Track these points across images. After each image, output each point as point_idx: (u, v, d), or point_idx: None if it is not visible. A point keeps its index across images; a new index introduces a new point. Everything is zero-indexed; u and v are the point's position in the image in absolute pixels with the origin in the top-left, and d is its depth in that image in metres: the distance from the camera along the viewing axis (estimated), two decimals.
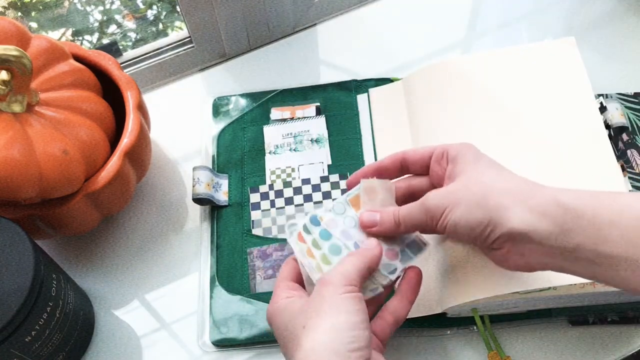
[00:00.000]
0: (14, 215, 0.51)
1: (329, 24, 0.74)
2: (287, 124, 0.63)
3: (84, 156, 0.51)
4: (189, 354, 0.55)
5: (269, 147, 0.61)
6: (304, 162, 0.62)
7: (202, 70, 0.71)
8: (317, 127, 0.63)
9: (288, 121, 0.63)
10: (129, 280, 0.59)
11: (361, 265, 0.44)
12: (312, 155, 0.62)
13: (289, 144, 0.61)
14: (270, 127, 0.63)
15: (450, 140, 0.48)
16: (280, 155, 0.60)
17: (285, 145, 0.61)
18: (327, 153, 0.62)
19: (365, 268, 0.44)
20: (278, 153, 0.60)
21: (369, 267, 0.44)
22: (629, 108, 0.63)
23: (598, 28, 0.71)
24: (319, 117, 0.63)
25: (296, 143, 0.61)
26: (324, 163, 0.61)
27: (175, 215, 0.62)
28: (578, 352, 0.53)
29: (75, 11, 1.03)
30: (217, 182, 0.61)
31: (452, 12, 0.74)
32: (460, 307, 0.51)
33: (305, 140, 0.61)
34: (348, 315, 0.40)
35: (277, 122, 0.63)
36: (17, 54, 0.46)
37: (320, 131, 0.62)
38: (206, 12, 0.65)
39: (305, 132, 0.62)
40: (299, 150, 0.61)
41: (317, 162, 0.62)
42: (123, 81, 0.57)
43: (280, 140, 0.62)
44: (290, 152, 0.60)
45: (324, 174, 0.61)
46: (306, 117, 0.63)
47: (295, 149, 0.61)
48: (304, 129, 0.62)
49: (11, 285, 0.44)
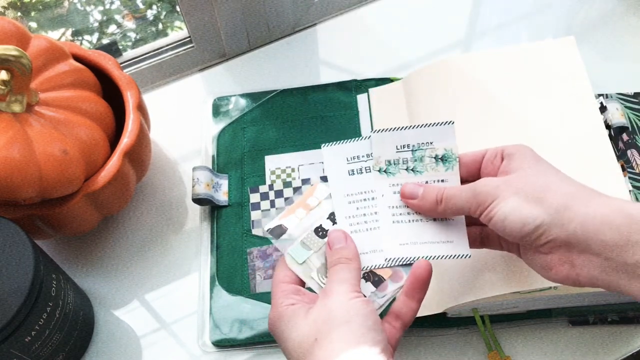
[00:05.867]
0: (14, 215, 0.50)
1: (329, 24, 0.74)
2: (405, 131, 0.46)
3: (84, 156, 0.51)
4: (189, 354, 0.55)
5: (379, 163, 0.46)
6: (304, 162, 0.62)
7: (202, 70, 0.71)
8: (444, 138, 0.46)
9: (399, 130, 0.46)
10: (129, 280, 0.59)
11: (354, 272, 0.43)
12: (312, 157, 0.61)
13: (405, 160, 0.46)
14: (380, 134, 0.46)
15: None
16: (394, 174, 0.45)
17: (401, 162, 0.46)
18: None
19: (358, 270, 0.43)
20: (391, 172, 0.45)
21: (358, 268, 0.43)
22: (629, 108, 0.63)
23: (598, 28, 0.71)
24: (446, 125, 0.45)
25: (415, 160, 0.46)
26: (324, 163, 0.61)
27: (175, 215, 0.62)
28: (578, 352, 0.53)
29: (75, 11, 1.03)
30: (217, 182, 0.61)
31: (452, 12, 0.74)
32: (460, 307, 0.51)
33: (427, 157, 0.46)
34: (363, 318, 0.39)
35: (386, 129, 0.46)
36: (16, 53, 0.46)
37: (449, 144, 0.45)
38: (206, 12, 0.65)
39: (427, 146, 0.46)
40: (419, 171, 0.45)
41: (317, 162, 0.62)
42: (123, 81, 0.57)
43: (393, 155, 0.46)
44: (407, 172, 0.45)
45: (323, 174, 0.61)
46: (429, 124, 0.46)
47: (413, 168, 0.46)
48: (426, 139, 0.46)
49: (11, 285, 0.44)
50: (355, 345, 0.38)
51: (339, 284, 0.41)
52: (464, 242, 0.44)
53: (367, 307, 0.40)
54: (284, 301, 0.42)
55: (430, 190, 0.44)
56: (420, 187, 0.45)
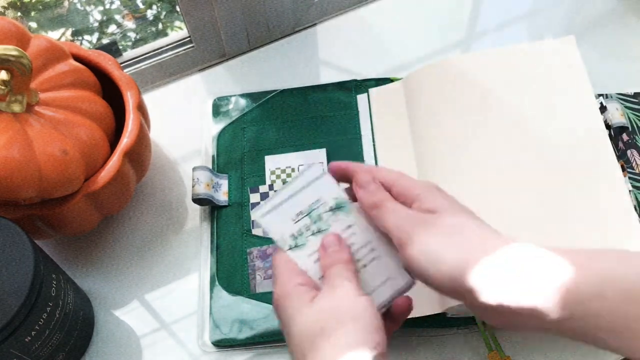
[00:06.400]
0: (14, 215, 0.50)
1: (329, 24, 0.74)
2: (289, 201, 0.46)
3: (84, 156, 0.51)
4: (189, 354, 0.55)
5: (286, 243, 0.45)
6: (304, 162, 0.62)
7: (202, 70, 0.71)
8: (325, 190, 0.46)
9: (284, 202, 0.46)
10: (129, 280, 0.59)
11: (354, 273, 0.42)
12: (312, 157, 0.62)
13: (307, 227, 0.45)
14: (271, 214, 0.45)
15: (451, 138, 0.48)
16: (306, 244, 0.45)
17: (304, 230, 0.45)
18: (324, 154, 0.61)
19: (356, 273, 0.43)
20: (302, 244, 0.45)
21: (356, 271, 0.43)
22: (629, 108, 0.63)
23: (598, 28, 0.71)
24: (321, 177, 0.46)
25: (315, 222, 0.45)
26: (324, 163, 0.61)
27: (175, 215, 0.62)
28: (578, 352, 0.53)
29: (75, 11, 1.03)
30: (217, 182, 0.61)
31: (452, 12, 0.74)
32: (460, 307, 0.51)
33: (324, 214, 0.45)
34: (370, 318, 0.39)
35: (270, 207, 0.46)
36: (16, 54, 0.46)
37: (333, 193, 0.46)
38: (206, 12, 0.65)
39: (317, 204, 0.46)
40: (325, 229, 0.45)
41: (317, 162, 0.62)
42: (123, 81, 0.57)
43: (293, 228, 0.45)
44: (315, 236, 0.45)
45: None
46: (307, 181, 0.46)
47: (319, 229, 0.45)
48: (312, 199, 0.46)
49: (11, 285, 0.44)
50: (363, 345, 0.38)
51: (343, 280, 0.41)
52: (400, 271, 0.44)
53: (374, 307, 0.40)
54: (293, 279, 0.42)
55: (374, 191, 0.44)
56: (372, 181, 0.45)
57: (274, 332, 0.54)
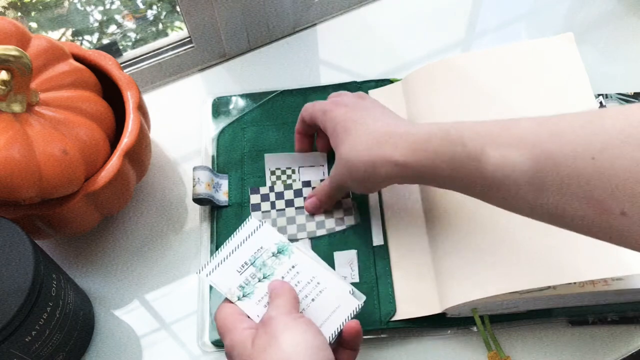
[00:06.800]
0: (14, 215, 0.51)
1: (329, 24, 0.74)
2: (233, 255, 0.49)
3: (84, 156, 0.51)
4: (189, 354, 0.55)
5: (234, 295, 0.47)
6: (304, 164, 0.62)
7: (202, 70, 0.71)
8: (266, 237, 0.50)
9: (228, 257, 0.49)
10: (129, 280, 0.59)
11: (289, 297, 0.44)
12: (312, 159, 0.62)
13: (253, 275, 0.48)
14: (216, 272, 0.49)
15: None
16: (254, 292, 0.47)
17: (251, 279, 0.48)
18: None
19: (294, 298, 0.45)
20: (250, 293, 0.47)
21: (295, 297, 0.45)
22: None
23: (598, 28, 0.71)
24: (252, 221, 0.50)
25: (260, 269, 0.48)
26: (324, 166, 0.61)
27: (175, 215, 0.62)
28: (578, 352, 0.53)
29: (75, 11, 1.03)
30: (217, 182, 0.61)
31: (452, 12, 0.74)
32: (460, 307, 0.51)
33: (267, 260, 0.49)
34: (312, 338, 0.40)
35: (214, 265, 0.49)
36: (17, 54, 0.46)
37: (275, 239, 0.50)
38: (206, 12, 0.65)
39: (260, 252, 0.49)
40: (271, 274, 0.48)
41: (317, 164, 0.62)
42: (123, 81, 0.57)
43: (239, 279, 0.48)
44: (261, 282, 0.48)
45: (324, 176, 0.61)
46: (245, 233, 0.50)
47: (264, 275, 0.48)
48: (255, 248, 0.49)
49: (11, 285, 0.44)
50: None
51: (275, 309, 0.43)
52: (348, 297, 0.47)
53: (311, 326, 0.42)
54: (240, 325, 0.43)
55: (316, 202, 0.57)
56: (316, 201, 0.57)
57: None
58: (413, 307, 0.53)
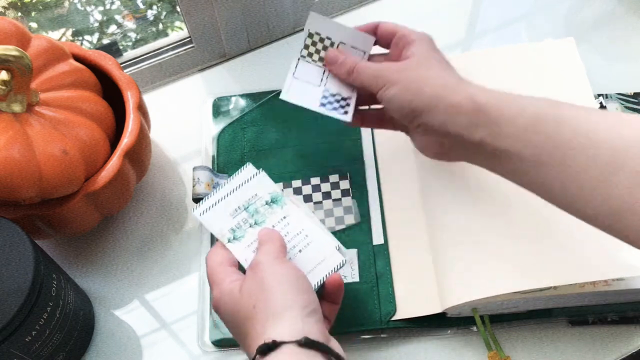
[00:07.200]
0: (14, 215, 0.51)
1: None
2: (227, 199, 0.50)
3: (84, 156, 0.51)
4: (189, 354, 0.55)
5: (225, 237, 0.48)
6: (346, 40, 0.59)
7: (202, 70, 0.71)
8: (261, 186, 0.50)
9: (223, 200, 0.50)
10: (129, 280, 0.59)
11: (278, 244, 0.45)
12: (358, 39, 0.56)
13: (245, 220, 0.49)
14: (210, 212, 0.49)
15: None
16: (244, 236, 0.48)
17: (243, 223, 0.49)
18: None
19: (281, 245, 0.46)
20: (241, 236, 0.48)
21: (282, 244, 0.46)
22: (628, 108, 0.63)
23: (598, 28, 0.71)
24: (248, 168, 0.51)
25: (252, 215, 0.49)
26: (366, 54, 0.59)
27: (175, 215, 0.62)
28: (578, 352, 0.53)
29: (75, 11, 1.03)
30: (217, 182, 0.61)
31: (452, 12, 0.74)
32: (460, 307, 0.51)
33: (260, 208, 0.50)
34: (296, 282, 0.42)
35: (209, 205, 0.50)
36: (17, 54, 0.46)
37: (269, 189, 0.50)
38: (206, 12, 0.65)
39: (255, 198, 0.50)
40: (262, 221, 0.49)
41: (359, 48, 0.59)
42: (123, 81, 0.57)
43: (232, 222, 0.49)
44: (252, 228, 0.49)
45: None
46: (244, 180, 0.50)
47: (256, 222, 0.49)
48: (250, 194, 0.50)
49: (11, 285, 0.44)
50: (291, 305, 0.40)
51: (264, 254, 0.44)
52: (334, 252, 0.48)
53: (297, 271, 0.43)
54: (227, 278, 0.44)
55: (347, 61, 0.51)
56: (341, 55, 0.52)
57: None
58: (413, 307, 0.53)
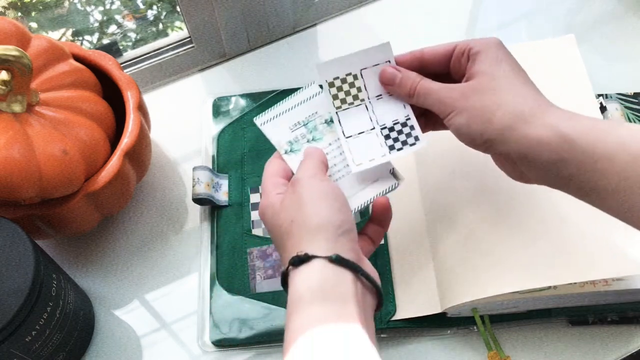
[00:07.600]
0: (14, 215, 0.51)
1: (329, 24, 0.74)
2: (288, 113, 0.50)
3: (84, 156, 0.51)
4: (189, 354, 0.55)
5: (282, 148, 0.49)
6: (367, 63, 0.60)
7: (202, 70, 0.71)
8: (323, 104, 0.50)
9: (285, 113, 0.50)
10: (129, 280, 0.59)
11: (317, 161, 0.45)
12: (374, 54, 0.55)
13: (302, 135, 0.49)
14: (271, 123, 0.50)
15: (449, 138, 0.48)
16: (300, 150, 0.49)
17: (300, 138, 0.49)
18: None
19: (321, 162, 0.46)
20: (297, 149, 0.49)
21: (323, 161, 0.46)
22: (628, 108, 0.63)
23: (598, 28, 0.71)
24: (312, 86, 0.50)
25: (311, 132, 0.49)
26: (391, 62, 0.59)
27: (175, 215, 0.62)
28: (578, 352, 0.53)
29: (75, 11, 1.03)
30: (217, 182, 0.61)
31: (452, 12, 0.74)
32: (460, 307, 0.51)
33: (319, 125, 0.50)
34: (333, 200, 0.42)
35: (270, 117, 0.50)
36: (17, 54, 0.46)
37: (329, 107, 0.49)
38: (206, 12, 0.65)
39: (315, 116, 0.50)
40: (319, 138, 0.49)
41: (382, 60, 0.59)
42: (123, 81, 0.57)
43: (290, 135, 0.49)
44: (309, 144, 0.49)
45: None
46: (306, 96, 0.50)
47: (313, 138, 0.49)
48: (310, 112, 0.50)
49: (11, 285, 0.44)
50: (325, 223, 0.40)
51: (303, 171, 0.44)
52: (388, 176, 0.48)
53: (335, 190, 0.43)
54: (274, 190, 0.45)
55: (405, 81, 0.47)
56: (398, 74, 0.48)
57: (273, 332, 0.54)
58: (413, 307, 0.53)
